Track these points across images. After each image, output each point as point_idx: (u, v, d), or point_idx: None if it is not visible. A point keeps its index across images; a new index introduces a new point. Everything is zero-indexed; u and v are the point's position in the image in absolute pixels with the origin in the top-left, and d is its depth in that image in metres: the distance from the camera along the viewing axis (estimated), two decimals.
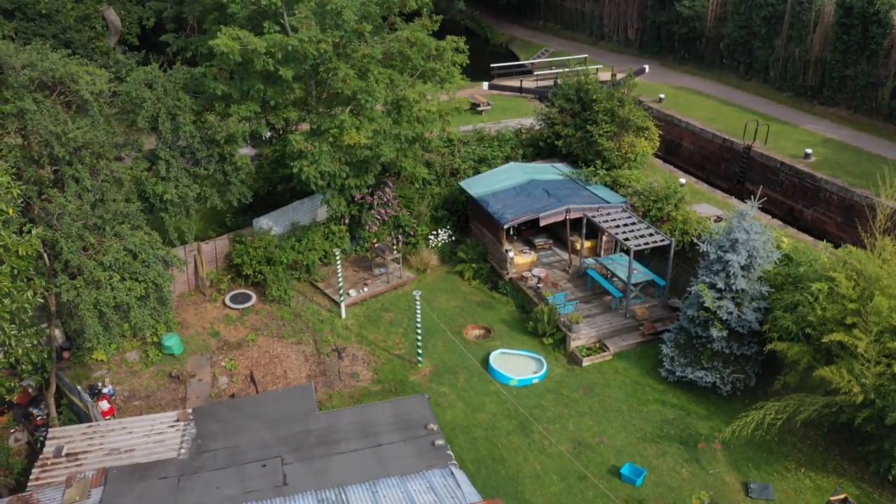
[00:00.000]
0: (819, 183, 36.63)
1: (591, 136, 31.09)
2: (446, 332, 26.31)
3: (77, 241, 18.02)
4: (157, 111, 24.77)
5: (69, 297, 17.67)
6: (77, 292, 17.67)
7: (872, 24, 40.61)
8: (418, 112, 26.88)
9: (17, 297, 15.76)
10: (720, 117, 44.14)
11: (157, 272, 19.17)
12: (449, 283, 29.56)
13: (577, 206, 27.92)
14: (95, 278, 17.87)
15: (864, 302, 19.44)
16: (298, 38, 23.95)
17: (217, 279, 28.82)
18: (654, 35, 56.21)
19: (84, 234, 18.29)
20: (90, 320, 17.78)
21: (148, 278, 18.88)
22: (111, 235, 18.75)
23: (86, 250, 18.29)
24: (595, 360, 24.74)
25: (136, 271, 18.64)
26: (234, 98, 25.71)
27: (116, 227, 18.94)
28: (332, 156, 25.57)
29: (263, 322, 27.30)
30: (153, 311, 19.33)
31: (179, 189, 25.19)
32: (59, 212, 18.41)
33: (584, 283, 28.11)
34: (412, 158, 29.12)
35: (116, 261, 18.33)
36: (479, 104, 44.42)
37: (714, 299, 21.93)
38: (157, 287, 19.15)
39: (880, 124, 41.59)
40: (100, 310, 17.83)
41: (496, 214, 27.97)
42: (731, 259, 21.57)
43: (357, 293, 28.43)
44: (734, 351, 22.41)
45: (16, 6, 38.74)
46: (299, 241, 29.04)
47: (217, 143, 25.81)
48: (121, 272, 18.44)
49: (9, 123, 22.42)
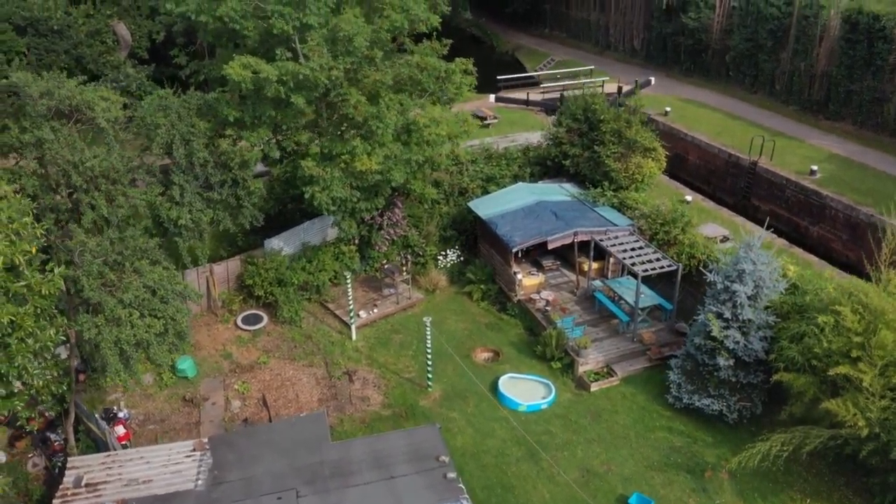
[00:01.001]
0: (824, 200, 36.86)
1: (599, 157, 31.38)
2: (455, 355, 26.63)
3: (98, 278, 18.39)
4: (171, 137, 25.10)
5: (90, 335, 18.05)
6: (98, 330, 18.06)
7: (878, 40, 40.80)
8: (428, 136, 27.16)
9: (41, 337, 16.11)
10: (726, 131, 44.35)
11: (175, 308, 19.57)
12: (458, 303, 29.89)
13: (584, 230, 28.22)
14: (116, 316, 18.25)
15: (870, 335, 19.74)
16: (310, 67, 24.26)
17: (229, 300, 29.18)
18: (659, 46, 56.39)
19: (104, 271, 18.67)
20: (111, 358, 18.17)
21: (166, 315, 19.27)
22: (130, 272, 19.12)
23: (105, 286, 18.64)
24: (603, 386, 25.06)
25: (154, 308, 19.03)
26: (246, 123, 26.05)
27: (136, 262, 19.31)
28: (344, 181, 25.90)
29: (275, 344, 27.66)
30: (171, 345, 19.72)
31: (193, 214, 25.55)
32: (79, 249, 18.77)
33: (591, 305, 28.41)
34: (421, 180, 29.44)
35: (136, 298, 18.71)
36: (486, 118, 44.69)
37: (721, 328, 22.22)
38: (175, 322, 19.52)
39: (886, 139, 41.78)
40: (120, 347, 18.22)
41: (504, 237, 28.28)
42: (738, 290, 21.87)
43: (367, 314, 28.77)
44: (740, 379, 22.71)
45: (28, 22, 39.08)
46: (310, 262, 29.39)
47: (230, 169, 26.15)
48: (140, 309, 18.82)
49: (27, 152, 22.82)
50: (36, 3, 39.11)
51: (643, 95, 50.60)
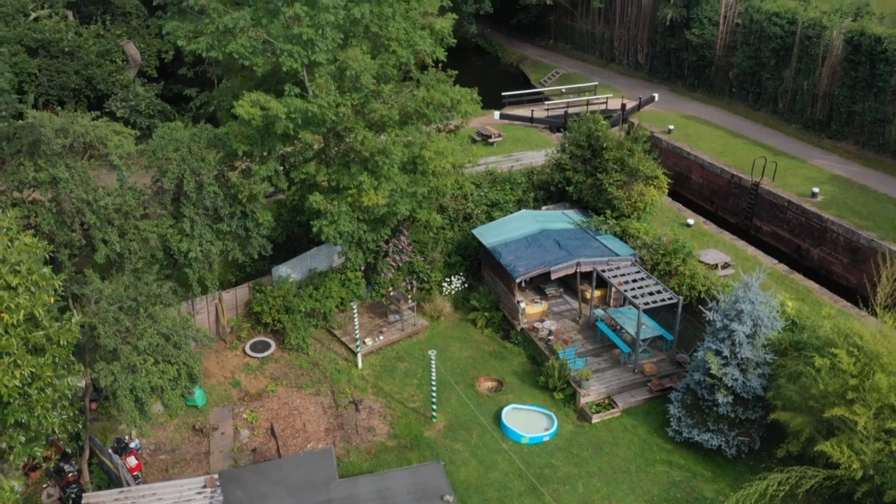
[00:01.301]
0: (825, 224, 37.27)
1: (601, 184, 31.81)
2: (460, 385, 27.14)
3: (113, 324, 18.96)
4: (182, 172, 25.61)
5: (107, 383, 18.61)
6: (114, 377, 18.62)
7: (880, 62, 41.13)
8: (434, 167, 27.61)
9: (59, 386, 16.68)
10: (729, 150, 44.71)
11: (188, 353, 20.13)
12: (462, 330, 30.38)
13: (587, 260, 28.69)
14: (131, 363, 18.81)
15: (865, 377, 20.20)
16: (318, 104, 24.75)
17: (237, 326, 29.73)
18: (663, 60, 56.75)
19: (120, 317, 19.23)
20: (127, 405, 18.74)
21: (180, 361, 19.82)
22: (145, 317, 19.68)
23: (120, 332, 19.20)
24: (604, 417, 25.55)
25: (168, 354, 19.58)
26: (255, 156, 26.58)
27: (150, 308, 19.87)
28: (351, 215, 26.40)
29: (283, 371, 28.20)
30: (184, 388, 20.28)
31: (203, 246, 26.09)
32: (95, 297, 19.32)
33: (593, 334, 28.88)
34: (427, 208, 29.93)
35: (150, 345, 19.27)
36: (491, 136, 45.08)
37: (720, 366, 22.69)
38: (187, 367, 20.08)
39: (888, 160, 42.13)
40: (136, 395, 18.78)
41: (508, 267, 28.75)
42: (737, 329, 22.32)
43: (373, 342, 29.29)
44: (739, 415, 23.17)
45: (40, 44, 39.68)
46: (317, 290, 29.91)
47: (239, 201, 26.68)
48: (154, 355, 19.38)
49: (43, 191, 23.39)
50: (48, 25, 39.67)
51: (647, 112, 51.09)
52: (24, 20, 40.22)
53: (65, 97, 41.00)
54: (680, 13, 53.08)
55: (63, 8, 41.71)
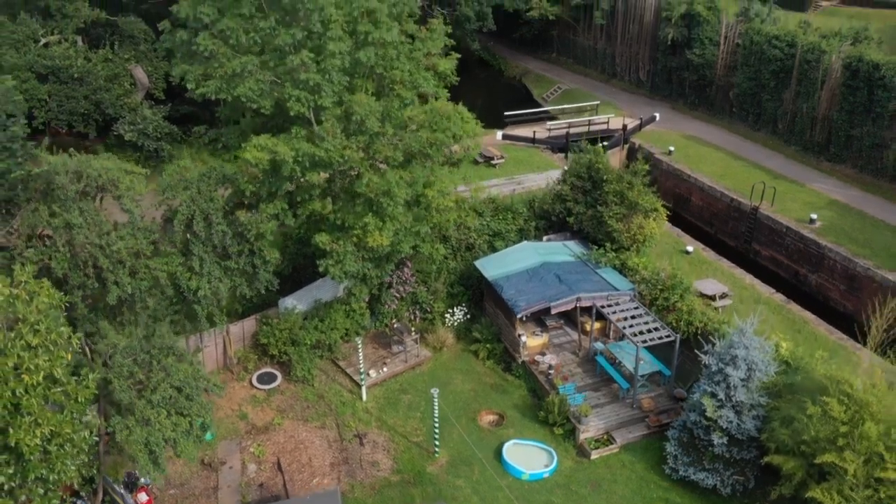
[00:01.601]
0: (823, 251, 37.85)
1: (602, 217, 32.40)
2: (462, 419, 27.80)
3: (128, 378, 19.62)
4: (191, 213, 26.23)
5: (122, 437, 19.31)
6: (129, 431, 19.30)
7: (878, 88, 41.64)
8: (437, 206, 28.21)
9: (77, 441, 17.34)
10: (729, 173, 45.22)
11: (199, 404, 20.79)
12: (464, 362, 31.03)
13: (587, 295, 29.30)
14: (145, 416, 19.49)
15: (855, 425, 20.81)
16: (325, 148, 25.37)
17: (244, 357, 30.40)
18: (664, 78, 57.25)
19: (134, 371, 19.90)
20: (142, 458, 19.42)
21: (192, 412, 20.48)
22: (158, 369, 20.34)
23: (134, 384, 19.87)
24: (603, 454, 26.19)
25: (181, 406, 20.24)
26: (262, 196, 27.20)
27: (163, 360, 20.53)
28: (356, 255, 27.03)
29: (289, 403, 28.87)
30: (196, 438, 20.94)
31: (212, 284, 26.73)
32: (110, 352, 19.98)
33: (593, 367, 29.51)
34: (430, 242, 30.54)
35: (164, 398, 19.94)
36: (493, 157, 45.64)
37: (715, 408, 23.31)
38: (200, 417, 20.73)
39: (885, 185, 42.65)
40: (150, 449, 19.46)
41: (510, 301, 29.37)
42: (732, 374, 22.94)
43: (377, 373, 29.94)
44: (734, 455, 23.80)
45: (50, 70, 40.27)
46: (322, 321, 30.57)
47: (247, 239, 27.31)
48: (167, 408, 20.05)
49: (57, 236, 24.01)
50: (58, 52, 40.28)
51: (648, 131, 51.65)
52: (34, 46, 40.84)
53: (74, 122, 41.64)
54: (681, 33, 53.55)
55: (73, 34, 42.27)
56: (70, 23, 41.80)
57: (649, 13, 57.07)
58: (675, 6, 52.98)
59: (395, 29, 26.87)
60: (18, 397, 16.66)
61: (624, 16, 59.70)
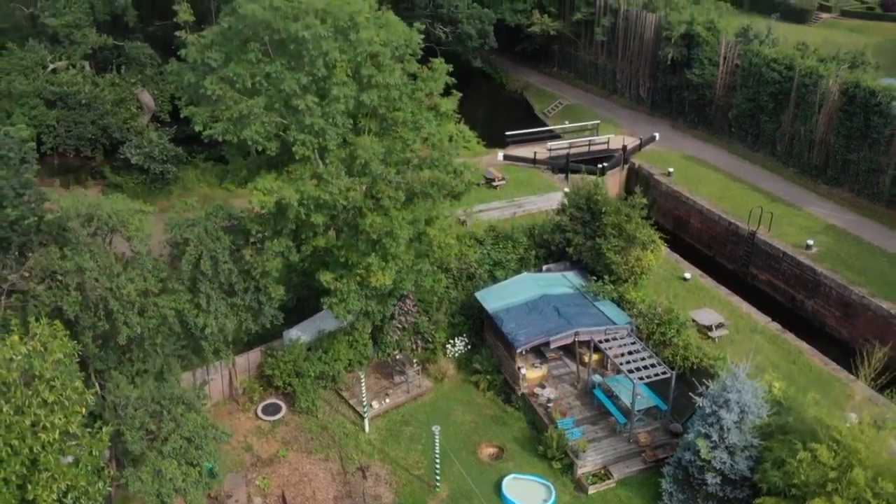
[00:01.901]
0: (819, 277, 38.44)
1: (600, 248, 33.00)
2: (462, 451, 28.47)
3: (139, 429, 20.32)
4: (199, 253, 26.89)
5: (135, 489, 20.01)
6: (141, 482, 20.00)
7: (874, 114, 42.20)
8: (438, 244, 28.83)
9: (92, 493, 18.05)
10: (728, 195, 45.79)
11: (209, 453, 21.46)
12: (465, 393, 31.69)
13: (585, 329, 29.93)
14: (157, 468, 20.18)
15: (844, 471, 21.43)
16: (329, 192, 26.01)
17: (250, 387, 31.08)
18: (664, 96, 57.77)
19: (145, 421, 20.59)
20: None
21: (201, 462, 21.17)
22: (169, 420, 21.03)
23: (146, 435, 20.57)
24: (600, 489, 26.84)
25: (191, 456, 20.92)
26: (267, 234, 27.85)
27: (173, 410, 21.21)
28: (359, 293, 27.69)
29: (293, 435, 29.55)
30: (206, 485, 21.63)
31: (219, 320, 27.40)
32: (123, 403, 20.67)
33: (591, 399, 30.15)
34: (431, 276, 31.17)
35: (175, 449, 20.63)
36: (495, 179, 46.23)
37: (709, 449, 23.95)
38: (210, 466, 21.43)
39: (881, 209, 43.20)
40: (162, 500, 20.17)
41: (510, 335, 30.02)
42: (725, 417, 23.57)
43: (379, 405, 30.62)
44: (728, 494, 24.41)
45: (58, 97, 40.95)
46: (326, 353, 31.23)
47: (253, 277, 27.96)
48: (178, 458, 20.74)
49: (69, 279, 24.69)
50: (65, 78, 40.94)
51: (647, 151, 52.22)
52: (42, 72, 41.50)
53: (81, 146, 42.32)
54: (681, 52, 54.10)
55: (80, 59, 42.92)
56: (78, 49, 42.45)
57: (650, 31, 57.58)
58: (675, 26, 53.51)
59: (398, 72, 27.48)
60: (36, 454, 17.39)
61: (624, 33, 60.24)
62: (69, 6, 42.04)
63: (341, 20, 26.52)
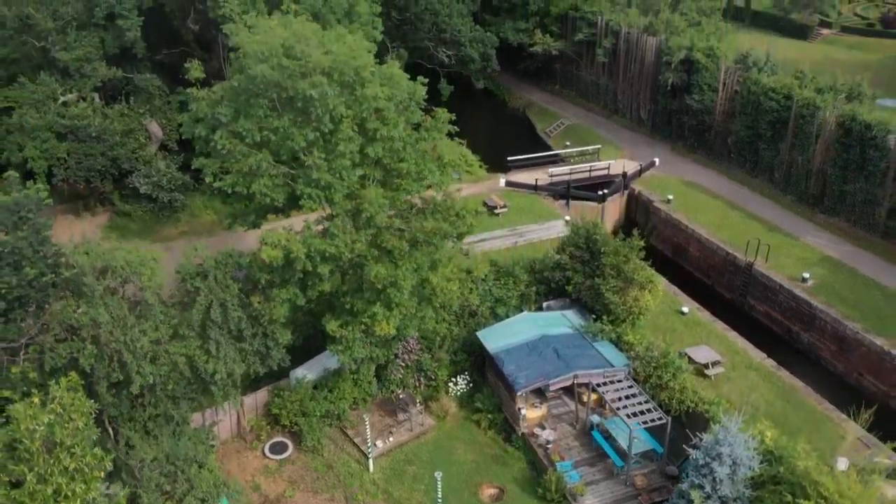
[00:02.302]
0: (814, 311, 39.18)
1: (599, 288, 33.79)
2: (464, 492, 29.35)
3: (155, 491, 21.20)
4: (209, 302, 27.73)
5: None
6: None
7: (870, 147, 42.86)
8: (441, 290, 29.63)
9: None
10: (727, 223, 46.47)
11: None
12: (466, 431, 32.54)
13: (584, 372, 30.76)
14: None
15: None
16: (335, 245, 26.84)
17: (257, 425, 31.97)
18: (665, 119, 58.42)
19: (161, 482, 21.48)
20: None
21: None
22: (183, 480, 21.91)
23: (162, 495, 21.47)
24: None
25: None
26: (275, 282, 28.69)
27: (187, 470, 22.08)
28: (364, 341, 28.54)
29: (300, 474, 30.43)
30: None
31: (228, 366, 28.26)
32: (139, 466, 21.56)
33: (590, 440, 30.98)
34: (433, 318, 31.98)
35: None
36: (496, 206, 46.94)
37: (702, 499, 24.79)
38: None
39: (877, 240, 43.91)
40: None
41: (510, 377, 30.86)
42: (717, 469, 24.42)
43: (383, 443, 31.47)
44: None
45: (69, 130, 41.72)
46: (331, 392, 32.10)
47: (261, 323, 28.82)
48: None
49: (85, 332, 25.53)
50: (76, 111, 41.73)
51: (648, 176, 52.92)
52: (53, 105, 42.29)
53: (91, 178, 43.10)
54: (680, 77, 54.74)
55: (91, 92, 43.70)
56: (88, 82, 43.22)
57: (650, 54, 58.22)
58: (675, 51, 54.14)
59: (402, 124, 28.26)
60: None
61: (626, 55, 60.88)
62: (80, 40, 42.77)
63: (347, 74, 27.28)
